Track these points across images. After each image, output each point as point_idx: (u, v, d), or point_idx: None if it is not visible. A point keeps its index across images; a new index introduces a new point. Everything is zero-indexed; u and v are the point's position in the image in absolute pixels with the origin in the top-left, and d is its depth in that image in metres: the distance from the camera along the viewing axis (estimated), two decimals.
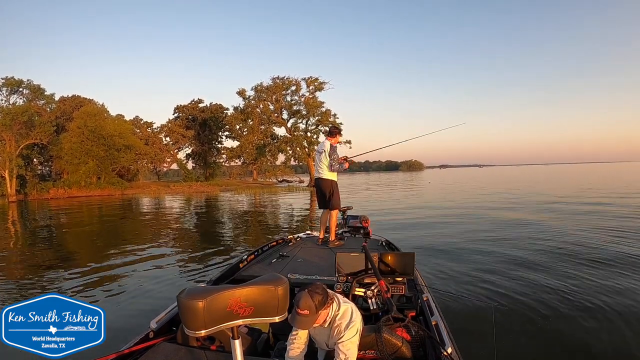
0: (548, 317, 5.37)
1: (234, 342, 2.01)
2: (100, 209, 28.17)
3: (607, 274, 7.24)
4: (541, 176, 63.19)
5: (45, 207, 31.41)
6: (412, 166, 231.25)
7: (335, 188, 6.82)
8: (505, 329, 4.97)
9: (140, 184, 61.89)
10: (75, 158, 47.72)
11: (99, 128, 48.24)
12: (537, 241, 10.42)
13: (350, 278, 3.92)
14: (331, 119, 54.25)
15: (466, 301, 5.78)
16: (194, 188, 53.31)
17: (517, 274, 7.44)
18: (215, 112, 69.07)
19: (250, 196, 37.95)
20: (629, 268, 7.59)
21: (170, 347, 2.88)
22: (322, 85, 54.91)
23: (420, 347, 2.89)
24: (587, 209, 17.02)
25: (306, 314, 2.50)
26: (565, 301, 5.93)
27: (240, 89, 57.71)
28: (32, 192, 43.98)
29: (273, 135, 59.29)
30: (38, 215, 25.10)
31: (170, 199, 36.84)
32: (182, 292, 1.90)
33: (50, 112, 53.96)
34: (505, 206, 20.00)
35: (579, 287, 6.51)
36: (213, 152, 72.41)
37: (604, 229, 11.91)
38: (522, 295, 6.23)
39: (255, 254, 5.68)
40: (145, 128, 66.59)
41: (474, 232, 12.18)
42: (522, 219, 14.77)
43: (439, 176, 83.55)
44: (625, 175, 56.35)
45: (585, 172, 79.28)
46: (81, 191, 46.54)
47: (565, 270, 7.54)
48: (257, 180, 71.30)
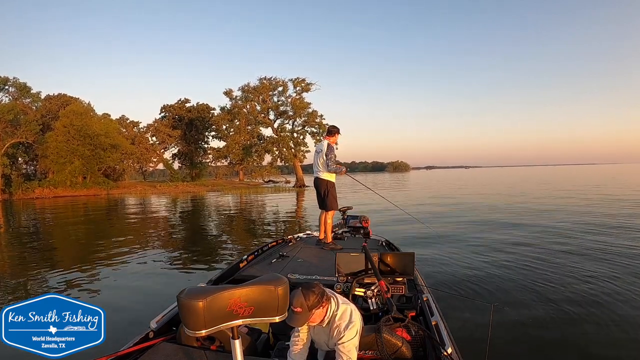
0: (548, 317, 5.41)
1: (234, 342, 2.01)
2: (87, 209, 27.85)
3: (607, 275, 7.29)
4: (545, 177, 63.71)
5: (31, 206, 31.01)
6: (398, 167, 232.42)
7: (331, 188, 6.79)
8: (505, 329, 5.00)
9: (126, 184, 61.30)
10: (61, 157, 47.11)
11: (85, 127, 47.69)
12: (537, 241, 10.55)
13: (350, 278, 3.92)
14: (317, 120, 54.34)
15: (466, 301, 5.79)
16: (180, 188, 52.93)
17: (517, 274, 7.51)
18: (202, 112, 68.73)
19: (236, 196, 37.82)
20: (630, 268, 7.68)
21: (170, 347, 2.86)
22: (309, 86, 54.86)
23: (420, 347, 2.90)
24: (587, 209, 17.20)
25: (299, 311, 2.52)
26: (566, 301, 5.98)
27: (227, 89, 57.53)
28: (17, 192, 43.37)
29: (260, 136, 59.05)
30: (24, 214, 24.82)
31: (156, 200, 36.54)
32: (182, 292, 1.88)
33: (36, 111, 53.33)
34: (506, 206, 20.17)
35: (579, 287, 6.58)
36: (199, 152, 71.98)
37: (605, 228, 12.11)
38: (522, 296, 6.29)
39: (255, 254, 5.68)
40: (132, 127, 66.01)
41: (473, 232, 12.32)
42: (522, 219, 14.91)
43: (430, 178, 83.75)
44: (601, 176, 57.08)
45: (575, 173, 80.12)
46: (67, 191, 45.99)
47: (565, 270, 7.63)
48: (244, 181, 71.01)
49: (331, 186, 6.79)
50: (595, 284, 6.76)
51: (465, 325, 4.93)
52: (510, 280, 7.12)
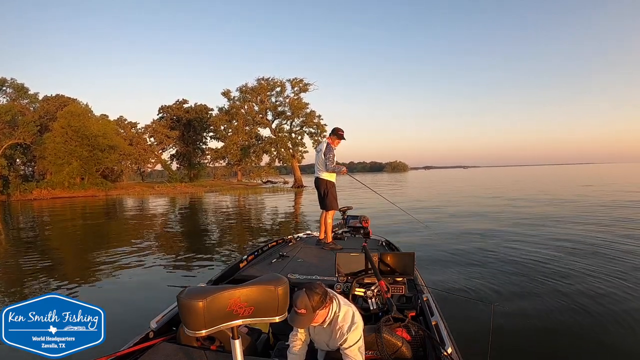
0: (549, 317, 5.41)
1: (234, 342, 2.01)
2: (85, 210, 27.79)
3: (610, 274, 7.28)
4: (545, 177, 63.73)
5: (29, 208, 30.96)
6: (396, 167, 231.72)
7: (331, 188, 6.82)
8: (505, 329, 4.99)
9: (124, 184, 61.39)
10: (59, 158, 47.06)
11: (83, 128, 47.65)
12: (538, 241, 10.55)
13: (350, 278, 3.92)
14: (315, 120, 54.37)
15: (466, 301, 5.79)
16: (178, 189, 52.88)
17: (517, 274, 7.51)
18: (200, 112, 68.72)
19: (235, 197, 37.77)
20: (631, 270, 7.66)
21: (170, 347, 2.86)
22: (307, 86, 54.86)
23: (420, 347, 2.90)
24: (589, 209, 17.22)
25: (303, 312, 2.49)
26: (566, 301, 5.98)
27: (225, 90, 57.51)
28: (15, 193, 43.37)
29: (258, 136, 58.98)
30: (22, 216, 24.77)
31: (155, 200, 36.51)
32: (182, 292, 1.89)
33: (33, 112, 53.42)
34: (506, 206, 20.22)
35: (580, 287, 6.58)
36: (197, 153, 71.96)
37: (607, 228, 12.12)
38: (522, 296, 6.29)
39: (255, 254, 5.68)
40: (130, 128, 65.96)
41: (473, 232, 12.32)
42: (524, 219, 14.92)
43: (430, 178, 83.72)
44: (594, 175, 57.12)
45: (572, 172, 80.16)
46: (65, 192, 45.97)
47: (566, 270, 7.62)
48: (242, 181, 71.05)
49: (331, 186, 6.82)
50: (596, 283, 6.76)
51: (466, 325, 4.91)
52: (511, 280, 7.11)
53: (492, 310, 4.39)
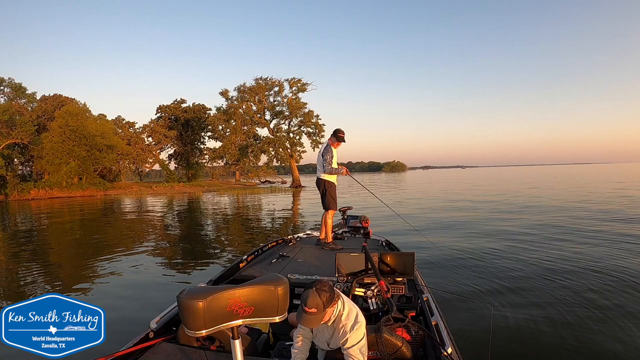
0: (549, 317, 5.40)
1: (234, 342, 2.01)
2: (83, 210, 27.74)
3: (610, 274, 7.29)
4: (544, 176, 63.81)
5: (26, 207, 30.89)
6: (394, 167, 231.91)
7: (329, 188, 6.86)
8: (505, 329, 4.99)
9: (122, 184, 61.25)
10: (57, 158, 47.01)
11: (81, 128, 47.65)
12: (538, 241, 10.57)
13: (350, 278, 3.92)
14: (313, 120, 54.41)
15: (466, 301, 5.79)
16: (176, 189, 52.93)
17: (518, 274, 7.51)
18: (198, 112, 68.76)
19: (233, 197, 37.78)
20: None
21: (170, 347, 2.87)
22: (305, 86, 55.04)
23: (420, 347, 2.90)
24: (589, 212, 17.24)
25: (314, 312, 2.46)
26: (567, 301, 5.98)
27: (223, 90, 57.70)
28: (13, 193, 43.24)
29: (256, 136, 59.08)
30: (20, 215, 24.69)
31: (153, 200, 36.45)
32: (182, 292, 1.89)
33: (31, 111, 53.36)
34: (505, 206, 20.23)
35: (580, 287, 6.58)
36: (195, 153, 72.00)
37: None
38: (522, 296, 6.29)
39: (255, 254, 5.69)
40: (128, 128, 65.90)
41: (474, 232, 12.35)
42: (521, 219, 14.93)
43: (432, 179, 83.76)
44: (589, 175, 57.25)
45: (566, 172, 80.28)
46: (62, 192, 45.87)
47: (566, 270, 7.62)
48: (240, 181, 70.98)
49: (329, 186, 6.85)
50: (597, 283, 6.77)
51: (466, 325, 4.92)
52: (511, 280, 7.11)
53: (492, 311, 4.39)
